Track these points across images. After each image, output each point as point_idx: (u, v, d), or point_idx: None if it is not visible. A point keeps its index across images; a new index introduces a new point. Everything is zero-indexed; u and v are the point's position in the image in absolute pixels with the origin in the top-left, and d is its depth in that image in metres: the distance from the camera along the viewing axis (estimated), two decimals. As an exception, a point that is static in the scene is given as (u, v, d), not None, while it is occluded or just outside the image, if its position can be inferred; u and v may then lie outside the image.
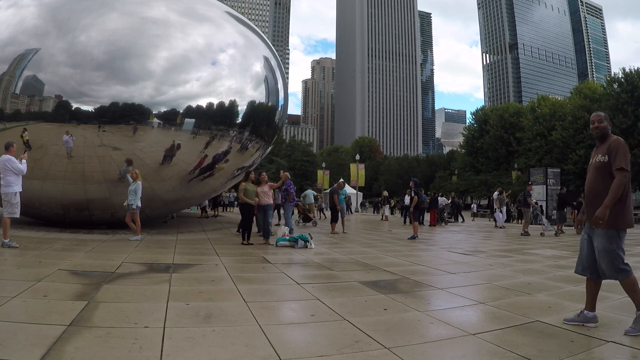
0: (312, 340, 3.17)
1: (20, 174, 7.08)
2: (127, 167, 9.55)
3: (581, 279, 3.73)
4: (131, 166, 9.53)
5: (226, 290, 4.68)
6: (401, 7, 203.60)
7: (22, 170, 7.09)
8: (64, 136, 9.24)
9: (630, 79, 41.86)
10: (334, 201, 13.39)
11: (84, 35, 9.37)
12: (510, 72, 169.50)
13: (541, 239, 12.89)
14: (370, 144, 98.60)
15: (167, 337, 2.99)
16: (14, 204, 7.00)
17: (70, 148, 9.30)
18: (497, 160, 56.63)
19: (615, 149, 3.41)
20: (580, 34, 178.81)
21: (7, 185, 6.97)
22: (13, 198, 6.98)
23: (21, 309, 3.53)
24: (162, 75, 10.02)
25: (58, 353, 2.61)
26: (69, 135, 9.23)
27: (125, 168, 9.56)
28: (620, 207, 3.35)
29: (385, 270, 6.25)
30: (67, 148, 9.31)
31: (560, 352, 2.94)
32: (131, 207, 9.06)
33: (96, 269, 5.51)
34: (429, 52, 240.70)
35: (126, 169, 9.50)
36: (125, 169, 9.53)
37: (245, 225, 9.29)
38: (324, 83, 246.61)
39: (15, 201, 7.01)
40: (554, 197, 23.77)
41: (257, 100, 11.85)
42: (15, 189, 7.00)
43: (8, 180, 6.97)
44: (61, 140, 9.39)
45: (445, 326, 3.54)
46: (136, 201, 9.04)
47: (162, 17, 10.34)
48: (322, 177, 47.06)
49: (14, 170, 6.98)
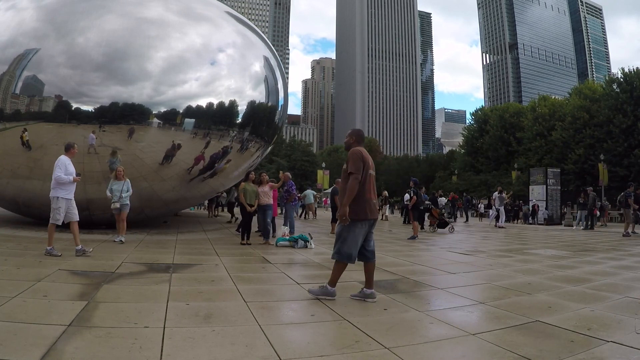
0: (312, 340, 3.17)
1: (57, 180, 6.49)
2: (113, 159, 9.43)
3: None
4: (116, 158, 9.36)
5: (226, 290, 4.68)
6: (401, 7, 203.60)
7: (61, 178, 6.47)
8: (90, 134, 9.35)
9: (630, 79, 41.87)
10: (336, 201, 13.38)
11: (82, 37, 9.39)
12: (510, 72, 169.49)
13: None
14: (370, 144, 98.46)
15: (167, 337, 2.98)
16: (54, 209, 6.51)
17: (92, 145, 9.41)
18: (497, 160, 56.64)
19: (349, 158, 4.26)
20: (580, 33, 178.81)
21: (52, 187, 6.55)
22: (54, 202, 6.51)
23: (21, 309, 3.53)
24: (160, 75, 10.02)
25: (58, 353, 2.61)
26: (94, 135, 9.38)
27: (112, 160, 9.45)
28: (357, 204, 4.16)
29: (385, 270, 6.25)
30: (90, 145, 9.42)
31: (560, 352, 2.94)
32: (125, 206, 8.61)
33: (96, 269, 5.51)
34: (429, 52, 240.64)
35: (112, 161, 9.37)
36: (112, 161, 9.40)
37: (245, 226, 9.29)
38: (324, 83, 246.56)
39: (56, 206, 6.49)
40: (554, 197, 23.83)
41: (257, 100, 11.85)
42: (58, 194, 6.50)
43: (53, 183, 6.51)
44: (61, 140, 9.39)
45: (445, 326, 3.54)
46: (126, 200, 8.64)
47: (159, 17, 10.33)
48: (322, 177, 47.06)
49: (55, 174, 6.51)
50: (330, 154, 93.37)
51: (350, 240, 4.16)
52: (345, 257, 4.19)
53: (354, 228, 4.16)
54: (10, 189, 10.40)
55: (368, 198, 4.22)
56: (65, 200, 6.61)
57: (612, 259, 8.06)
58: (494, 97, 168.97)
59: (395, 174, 74.64)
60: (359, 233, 4.18)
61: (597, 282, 5.61)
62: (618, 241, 12.32)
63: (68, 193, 6.63)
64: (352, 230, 4.16)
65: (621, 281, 5.70)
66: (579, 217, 19.43)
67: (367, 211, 4.20)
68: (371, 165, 4.34)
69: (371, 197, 4.28)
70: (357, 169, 4.15)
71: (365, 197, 4.20)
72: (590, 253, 9.12)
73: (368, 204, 4.22)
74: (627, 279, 5.85)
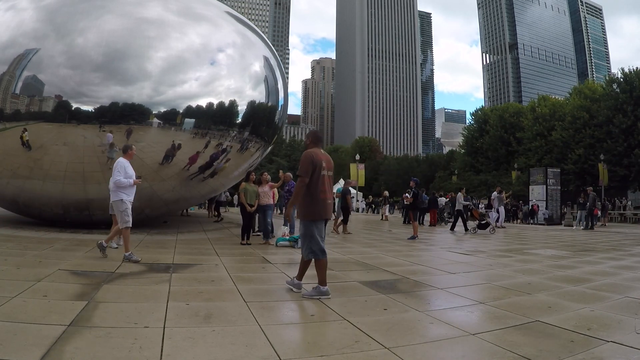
0: (312, 340, 3.17)
1: (116, 184, 6.26)
2: (111, 150, 9.41)
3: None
4: (115, 149, 9.29)
5: (226, 290, 4.68)
6: (401, 7, 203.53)
7: (121, 182, 6.23)
8: (108, 134, 9.42)
9: (630, 79, 41.87)
10: (348, 202, 13.38)
11: (81, 38, 9.39)
12: (510, 72, 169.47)
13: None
14: (370, 144, 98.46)
15: (167, 337, 2.99)
16: (122, 212, 6.31)
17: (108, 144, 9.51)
18: (497, 160, 56.63)
19: (300, 160, 4.43)
20: (580, 33, 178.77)
21: (112, 191, 6.34)
22: (119, 205, 6.30)
23: (21, 309, 3.53)
24: (160, 75, 10.02)
25: (58, 353, 2.61)
26: (112, 134, 9.47)
27: (110, 150, 9.42)
28: (307, 203, 4.37)
29: (385, 270, 6.25)
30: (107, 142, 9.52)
31: (560, 352, 2.94)
32: None
33: (96, 269, 5.51)
34: (428, 52, 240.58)
35: (110, 152, 9.33)
36: (110, 152, 9.37)
37: (245, 226, 9.29)
38: (324, 83, 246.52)
39: (122, 209, 6.30)
40: (554, 197, 23.84)
41: (257, 100, 11.85)
42: (121, 196, 6.28)
43: (112, 187, 6.34)
44: (61, 140, 9.42)
45: (445, 326, 3.54)
46: None
47: (159, 17, 10.32)
48: (322, 177, 46.97)
49: (114, 178, 6.29)
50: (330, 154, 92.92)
51: (316, 237, 4.38)
52: (318, 253, 4.39)
53: (314, 227, 4.39)
54: (10, 189, 10.40)
55: (322, 199, 4.39)
56: (127, 202, 6.38)
57: (612, 259, 8.06)
58: (494, 97, 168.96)
59: (395, 174, 74.58)
60: (319, 230, 4.42)
61: (597, 282, 5.62)
62: (618, 241, 12.32)
63: (130, 195, 6.41)
64: (312, 229, 4.39)
65: (621, 281, 5.70)
66: (579, 217, 19.44)
67: (321, 211, 4.41)
68: (326, 166, 4.47)
69: (325, 197, 4.43)
70: (305, 172, 4.33)
71: (319, 197, 4.37)
72: (590, 253, 9.12)
73: (323, 204, 4.41)
74: (627, 279, 5.86)
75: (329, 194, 4.50)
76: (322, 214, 4.41)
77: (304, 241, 4.46)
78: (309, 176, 4.33)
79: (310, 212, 4.40)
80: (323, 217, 4.43)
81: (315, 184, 4.35)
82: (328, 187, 4.47)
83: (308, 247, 4.40)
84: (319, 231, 4.41)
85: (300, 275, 4.58)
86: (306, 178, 4.33)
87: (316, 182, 4.36)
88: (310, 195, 4.37)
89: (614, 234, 15.51)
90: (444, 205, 22.24)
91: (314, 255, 4.40)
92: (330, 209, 4.54)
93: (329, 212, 4.50)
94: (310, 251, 4.40)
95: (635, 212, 29.40)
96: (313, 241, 4.37)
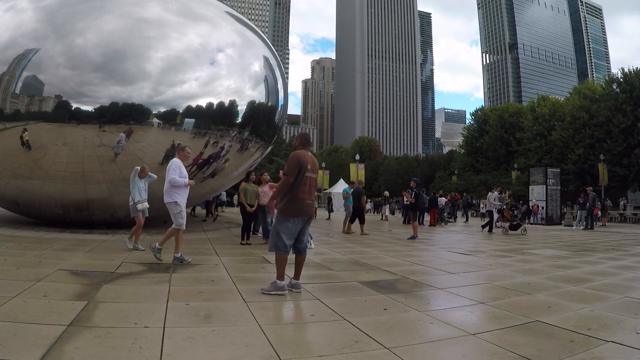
0: (312, 340, 3.17)
1: (171, 183, 6.07)
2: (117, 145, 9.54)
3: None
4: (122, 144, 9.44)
5: (226, 290, 4.68)
6: (401, 7, 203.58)
7: (176, 181, 6.04)
8: (121, 134, 9.57)
9: (629, 79, 41.90)
10: (362, 202, 13.33)
11: (81, 38, 9.40)
12: (510, 72, 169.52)
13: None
14: (370, 144, 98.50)
15: (167, 337, 2.98)
16: (176, 214, 6.16)
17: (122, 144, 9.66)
18: (497, 160, 56.64)
19: (288, 160, 4.61)
20: (580, 33, 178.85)
21: (165, 192, 6.13)
22: (174, 207, 6.13)
23: (21, 309, 3.53)
24: (159, 75, 10.03)
25: (58, 353, 2.61)
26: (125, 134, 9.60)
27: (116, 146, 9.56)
28: (286, 199, 4.56)
29: (385, 270, 6.25)
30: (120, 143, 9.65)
31: (560, 352, 2.94)
32: None
33: (96, 269, 5.50)
34: (428, 52, 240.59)
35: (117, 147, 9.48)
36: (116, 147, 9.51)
37: (245, 226, 9.29)
38: (323, 83, 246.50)
39: (176, 211, 6.15)
40: (554, 197, 23.82)
41: (257, 100, 11.85)
42: (175, 198, 6.11)
43: (167, 187, 6.14)
44: (61, 140, 9.43)
45: (445, 326, 3.54)
46: None
47: (158, 17, 10.32)
48: (321, 177, 47.04)
49: (169, 176, 6.10)
50: (330, 154, 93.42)
51: (283, 233, 4.50)
52: (281, 248, 4.52)
53: (287, 223, 4.53)
54: (10, 189, 10.40)
55: (301, 198, 4.57)
56: (184, 204, 6.27)
57: (611, 259, 8.06)
58: (494, 97, 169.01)
59: (395, 174, 74.57)
60: (292, 228, 4.54)
61: (596, 282, 5.62)
62: (618, 241, 12.33)
63: (183, 197, 6.23)
64: (285, 225, 4.53)
65: (621, 281, 5.70)
66: (579, 217, 19.44)
67: (299, 210, 4.57)
68: (311, 169, 4.65)
69: (305, 197, 4.60)
70: (291, 171, 4.54)
71: (299, 197, 4.56)
72: (590, 253, 9.13)
73: (301, 203, 4.58)
74: (626, 279, 5.86)
75: (310, 195, 4.68)
76: (298, 212, 4.56)
77: (272, 234, 4.64)
78: (294, 176, 4.53)
79: (286, 208, 4.56)
80: (298, 215, 4.56)
81: (298, 184, 4.54)
82: (310, 188, 4.65)
83: (274, 240, 4.56)
84: (290, 228, 4.54)
85: (297, 274, 4.72)
86: (291, 177, 4.53)
87: (299, 182, 4.55)
88: (291, 193, 4.56)
89: (613, 234, 15.51)
90: (444, 205, 22.24)
91: (276, 249, 4.54)
92: (308, 209, 4.67)
93: (306, 212, 4.64)
94: (274, 244, 4.55)
95: (635, 212, 29.39)
96: (279, 236, 4.52)
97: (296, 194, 4.56)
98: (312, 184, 4.70)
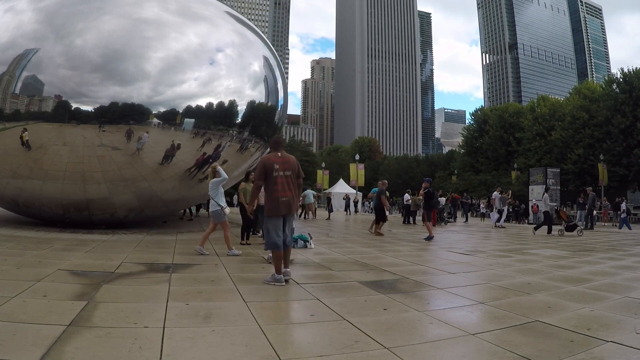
0: (312, 340, 3.17)
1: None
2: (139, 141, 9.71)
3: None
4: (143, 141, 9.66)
5: (226, 290, 4.68)
6: (401, 6, 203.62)
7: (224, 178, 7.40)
8: (144, 134, 9.75)
9: (629, 79, 41.89)
10: (383, 202, 13.32)
11: (80, 39, 9.40)
12: (509, 72, 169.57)
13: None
14: (370, 144, 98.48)
15: (166, 337, 2.98)
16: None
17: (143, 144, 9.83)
18: (497, 160, 56.60)
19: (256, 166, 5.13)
20: (579, 33, 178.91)
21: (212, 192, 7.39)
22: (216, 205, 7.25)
23: (21, 309, 3.53)
24: (159, 75, 10.02)
25: (58, 353, 2.61)
26: (146, 134, 9.80)
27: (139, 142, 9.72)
28: (266, 201, 5.04)
29: (385, 270, 6.25)
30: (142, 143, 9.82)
31: (560, 352, 2.94)
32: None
33: (96, 269, 5.50)
34: (428, 52, 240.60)
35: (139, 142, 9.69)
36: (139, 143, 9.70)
37: (245, 226, 9.29)
38: (323, 83, 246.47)
39: None
40: (553, 197, 23.81)
41: (257, 100, 11.85)
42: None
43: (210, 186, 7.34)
44: (61, 140, 9.42)
45: (445, 326, 3.54)
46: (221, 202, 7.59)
47: (157, 17, 10.31)
48: (321, 177, 47.05)
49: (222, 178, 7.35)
50: (330, 154, 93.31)
51: (271, 232, 4.96)
52: (273, 246, 4.95)
53: (271, 222, 4.99)
54: (10, 189, 10.40)
55: (275, 197, 4.96)
56: None
57: (611, 259, 8.06)
58: (494, 97, 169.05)
59: (395, 174, 74.52)
60: (275, 225, 4.97)
61: (596, 282, 5.62)
62: (618, 241, 12.33)
63: None
64: (270, 224, 4.98)
65: (621, 281, 5.70)
66: (579, 217, 19.45)
67: (275, 209, 4.95)
68: (280, 168, 4.99)
69: (279, 196, 4.95)
70: (258, 176, 5.08)
71: (272, 196, 4.97)
72: (589, 253, 9.13)
73: (276, 202, 4.95)
74: (626, 279, 5.86)
75: (285, 192, 4.98)
76: (275, 211, 4.95)
77: (264, 233, 5.17)
78: (261, 179, 5.02)
79: (266, 209, 5.03)
80: (275, 213, 4.95)
81: (270, 185, 4.97)
82: (283, 186, 4.96)
83: (267, 239, 5.05)
84: (274, 226, 4.95)
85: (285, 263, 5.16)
86: (259, 181, 5.04)
87: (271, 184, 4.96)
88: (267, 195, 5.03)
89: (613, 234, 15.52)
90: (444, 205, 22.24)
91: (269, 248, 5.00)
92: (287, 206, 4.99)
93: (283, 209, 4.97)
94: (268, 243, 5.02)
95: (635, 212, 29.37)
96: (268, 235, 4.98)
97: (270, 194, 4.99)
98: (287, 181, 5.00)
